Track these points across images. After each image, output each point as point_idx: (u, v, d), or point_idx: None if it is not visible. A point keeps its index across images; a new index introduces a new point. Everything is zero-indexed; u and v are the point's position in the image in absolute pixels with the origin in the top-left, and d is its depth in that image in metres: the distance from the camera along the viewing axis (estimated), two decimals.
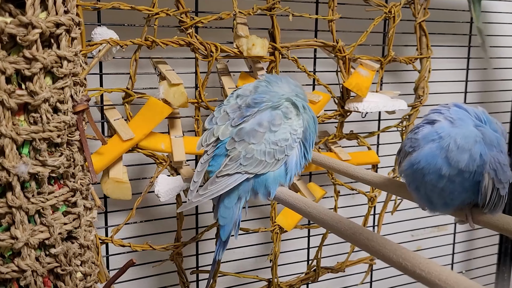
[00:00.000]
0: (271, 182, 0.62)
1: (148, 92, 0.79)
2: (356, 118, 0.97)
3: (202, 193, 0.61)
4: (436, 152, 0.52)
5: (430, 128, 0.54)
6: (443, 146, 0.52)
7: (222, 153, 0.63)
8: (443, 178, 0.52)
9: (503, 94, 1.22)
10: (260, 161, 0.61)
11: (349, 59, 0.90)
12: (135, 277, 0.89)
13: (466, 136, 0.51)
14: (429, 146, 0.53)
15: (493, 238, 1.27)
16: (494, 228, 0.54)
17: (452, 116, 0.54)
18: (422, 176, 0.54)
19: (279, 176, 0.63)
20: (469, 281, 0.37)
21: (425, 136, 0.54)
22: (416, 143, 0.54)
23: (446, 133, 0.52)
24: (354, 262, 1.04)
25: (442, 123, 0.54)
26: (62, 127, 0.55)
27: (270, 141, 0.61)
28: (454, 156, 0.51)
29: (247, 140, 0.61)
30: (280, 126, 0.61)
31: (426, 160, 0.53)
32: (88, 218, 0.62)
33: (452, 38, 1.12)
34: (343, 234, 0.49)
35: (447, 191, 0.53)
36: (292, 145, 0.63)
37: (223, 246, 0.68)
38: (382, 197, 1.04)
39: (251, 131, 0.61)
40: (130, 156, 0.81)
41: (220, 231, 0.66)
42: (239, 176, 0.61)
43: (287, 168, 0.63)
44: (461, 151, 0.51)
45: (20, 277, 0.54)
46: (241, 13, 0.81)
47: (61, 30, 0.54)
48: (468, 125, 0.53)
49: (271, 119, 0.62)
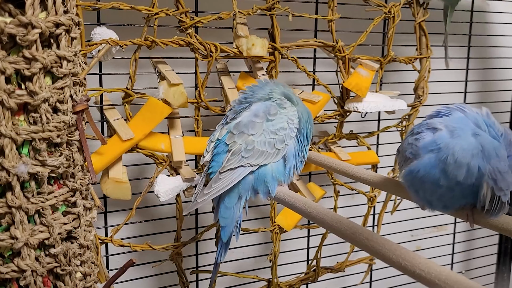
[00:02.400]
0: (271, 179, 0.62)
1: (148, 92, 0.79)
2: (355, 118, 0.97)
3: (207, 192, 0.60)
4: (434, 163, 0.52)
5: (430, 137, 0.54)
6: (441, 158, 0.52)
7: (222, 151, 0.63)
8: (441, 187, 0.53)
9: (503, 94, 1.22)
10: (261, 151, 0.61)
11: (348, 59, 0.90)
12: (135, 277, 0.89)
13: (464, 149, 0.51)
14: (428, 156, 0.53)
15: (493, 238, 1.27)
16: (494, 228, 0.54)
17: (452, 125, 0.54)
18: (421, 183, 0.54)
19: (278, 171, 0.63)
20: (468, 281, 0.37)
21: (425, 145, 0.54)
22: (417, 151, 0.55)
23: (445, 144, 0.52)
24: (354, 262, 1.04)
25: (442, 133, 0.54)
26: (61, 127, 0.55)
27: (269, 130, 0.61)
28: (451, 170, 0.51)
29: (246, 132, 0.61)
30: (276, 115, 0.62)
31: (424, 170, 0.53)
32: (88, 218, 0.61)
33: (452, 38, 1.12)
34: (342, 234, 0.49)
35: (446, 197, 0.54)
36: (291, 134, 0.63)
37: (225, 247, 0.68)
38: (382, 197, 1.04)
39: (249, 122, 0.61)
40: (129, 156, 0.81)
41: (221, 232, 0.66)
42: (242, 169, 0.61)
43: (285, 163, 0.63)
44: (459, 165, 0.51)
45: (20, 277, 0.54)
46: (241, 13, 0.81)
47: (61, 30, 0.54)
48: (467, 135, 0.53)
49: (266, 109, 0.62)
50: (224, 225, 0.65)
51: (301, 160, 0.66)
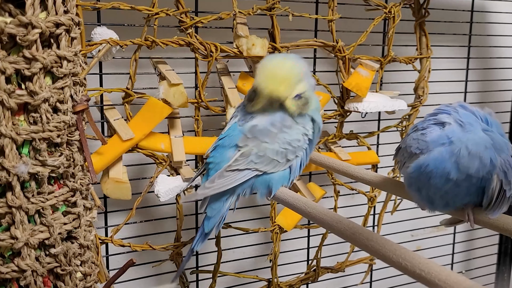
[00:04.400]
0: (276, 182, 0.62)
1: (148, 92, 0.79)
2: (356, 118, 0.97)
3: (209, 186, 0.59)
4: (445, 156, 0.52)
5: (439, 131, 0.54)
6: (454, 151, 0.52)
7: (226, 145, 0.61)
8: (450, 182, 0.52)
9: (503, 94, 1.22)
10: (271, 160, 0.60)
11: (349, 59, 0.90)
12: (135, 277, 0.89)
13: (477, 143, 0.51)
14: (438, 150, 0.53)
15: (493, 238, 1.27)
16: (494, 228, 0.54)
17: (462, 120, 0.54)
18: (428, 179, 0.54)
19: (283, 177, 0.62)
20: (469, 281, 0.37)
21: (435, 139, 0.54)
22: (425, 145, 0.54)
23: (457, 138, 0.52)
24: (354, 262, 1.04)
25: (453, 127, 0.54)
26: (62, 127, 0.55)
27: (285, 140, 0.60)
28: (464, 162, 0.51)
29: (261, 139, 0.60)
30: (291, 128, 0.61)
31: (434, 164, 0.53)
32: (88, 218, 0.62)
33: (452, 38, 1.12)
34: (343, 234, 0.49)
35: (451, 194, 0.54)
36: (303, 147, 0.62)
37: (203, 237, 0.66)
38: (382, 197, 1.04)
39: (264, 129, 0.60)
40: (130, 156, 0.81)
41: (204, 222, 0.64)
42: (249, 172, 0.60)
43: (291, 169, 0.63)
44: (472, 157, 0.51)
45: (20, 277, 0.54)
46: (241, 13, 0.81)
47: (61, 30, 0.54)
48: (477, 130, 0.53)
49: (282, 120, 0.61)
50: (210, 216, 0.63)
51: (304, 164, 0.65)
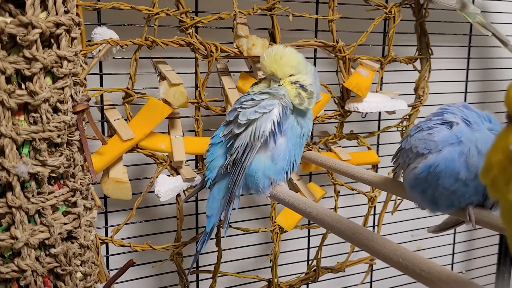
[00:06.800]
0: (261, 175, 0.62)
1: (148, 92, 0.79)
2: (356, 118, 0.98)
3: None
4: (455, 156, 0.52)
5: (447, 131, 0.54)
6: (464, 151, 0.52)
7: (216, 142, 0.64)
8: (459, 181, 0.53)
9: (503, 94, 1.22)
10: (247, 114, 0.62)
11: (349, 59, 0.90)
12: (135, 277, 0.89)
13: (486, 142, 0.52)
14: (448, 149, 0.53)
15: (493, 238, 1.27)
16: (494, 228, 0.54)
17: (468, 119, 0.54)
18: (436, 179, 0.53)
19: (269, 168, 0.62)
20: (469, 281, 0.37)
21: (444, 139, 0.54)
22: (433, 145, 0.54)
23: (466, 137, 0.52)
24: (354, 262, 1.04)
25: (461, 127, 0.54)
26: (62, 127, 0.55)
27: (253, 105, 0.62)
28: (474, 161, 0.51)
29: (238, 110, 0.62)
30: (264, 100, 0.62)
31: (445, 164, 0.53)
32: (88, 218, 0.61)
33: (452, 38, 1.12)
34: (343, 234, 0.49)
35: (457, 193, 0.54)
36: (269, 119, 0.61)
37: (204, 238, 0.68)
38: (382, 197, 1.04)
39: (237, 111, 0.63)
40: (130, 156, 0.81)
41: (206, 222, 0.66)
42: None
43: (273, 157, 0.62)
44: (482, 156, 0.51)
45: (20, 277, 0.54)
46: (241, 13, 0.81)
47: (61, 30, 0.54)
48: (484, 129, 0.53)
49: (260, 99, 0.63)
50: (209, 215, 0.65)
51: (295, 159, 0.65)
